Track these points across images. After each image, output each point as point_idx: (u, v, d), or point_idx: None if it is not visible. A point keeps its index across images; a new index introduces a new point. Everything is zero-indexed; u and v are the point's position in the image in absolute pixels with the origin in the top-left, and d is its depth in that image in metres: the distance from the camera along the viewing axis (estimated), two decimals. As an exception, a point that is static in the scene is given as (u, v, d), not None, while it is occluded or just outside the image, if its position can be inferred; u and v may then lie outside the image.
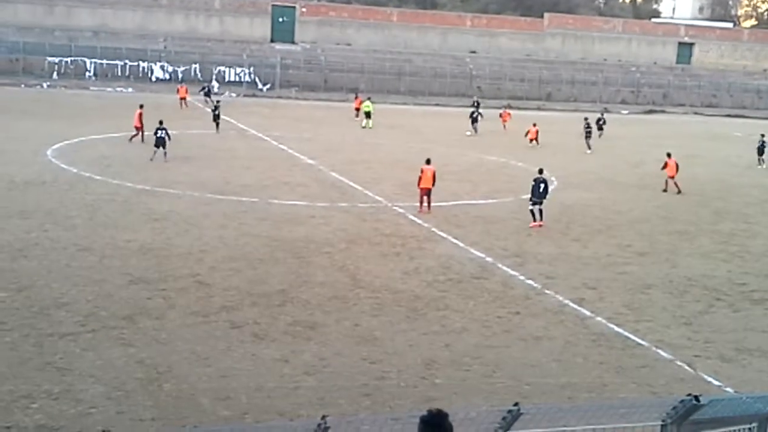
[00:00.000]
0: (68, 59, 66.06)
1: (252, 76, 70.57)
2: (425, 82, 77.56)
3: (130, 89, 62.37)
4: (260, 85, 70.18)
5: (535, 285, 21.10)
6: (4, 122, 42.33)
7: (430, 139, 48.06)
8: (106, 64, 66.77)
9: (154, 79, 66.91)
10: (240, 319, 17.50)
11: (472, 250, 24.10)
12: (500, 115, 55.44)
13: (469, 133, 50.82)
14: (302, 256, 22.50)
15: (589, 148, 47.55)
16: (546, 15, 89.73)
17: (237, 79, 70.06)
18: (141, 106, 40.24)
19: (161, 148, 34.58)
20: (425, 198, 28.56)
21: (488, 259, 23.31)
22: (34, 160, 33.29)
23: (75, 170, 31.45)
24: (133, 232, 23.64)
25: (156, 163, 34.09)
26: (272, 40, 77.11)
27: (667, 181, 35.74)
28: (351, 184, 33.20)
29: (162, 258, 21.55)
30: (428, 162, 29.02)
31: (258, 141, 42.78)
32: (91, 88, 61.87)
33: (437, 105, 71.93)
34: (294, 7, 78.44)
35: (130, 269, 20.40)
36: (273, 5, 77.58)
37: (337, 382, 14.67)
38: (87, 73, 65.94)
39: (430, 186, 28.28)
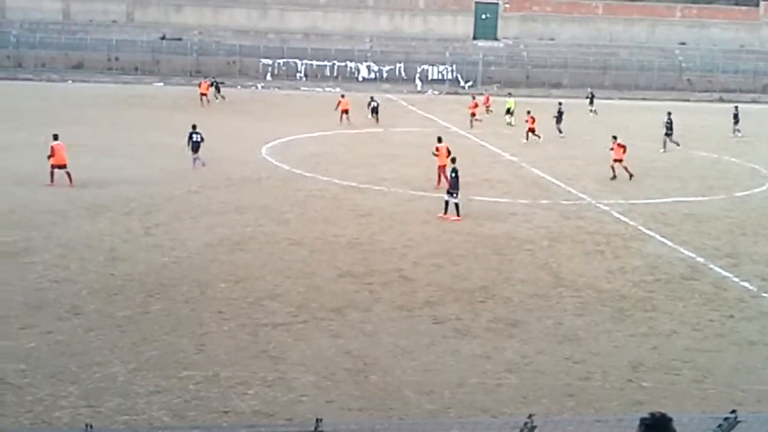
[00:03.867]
0: (281, 61, 68.99)
1: (454, 73, 71.04)
2: (631, 75, 75.27)
3: (337, 89, 64.33)
4: (462, 83, 70.51)
5: (751, 287, 20.08)
6: (223, 122, 44.82)
7: (634, 133, 46.68)
8: (316, 65, 69.18)
9: (360, 78, 68.68)
10: (442, 314, 17.73)
11: (682, 250, 23.23)
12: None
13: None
14: (503, 253, 22.49)
15: None
16: (762, 3, 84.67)
17: (439, 77, 70.73)
18: (342, 96, 41.67)
19: (196, 154, 32.53)
20: (442, 175, 29.47)
21: (699, 259, 22.39)
22: (249, 157, 35.05)
23: (287, 167, 32.88)
24: (341, 228, 24.45)
25: (362, 160, 34.99)
26: (475, 38, 77.26)
27: (613, 167, 32.99)
28: (553, 180, 32.80)
29: (368, 253, 22.17)
30: (440, 140, 30.75)
31: (459, 138, 43.00)
32: (302, 88, 64.34)
33: (644, 99, 69.66)
34: (497, 4, 78.24)
35: (339, 263, 21.13)
36: (476, 2, 77.73)
37: (540, 381, 14.59)
38: (298, 74, 68.62)
39: (446, 163, 28.80)
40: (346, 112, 47.21)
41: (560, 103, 47.26)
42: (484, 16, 78.20)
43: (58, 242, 21.79)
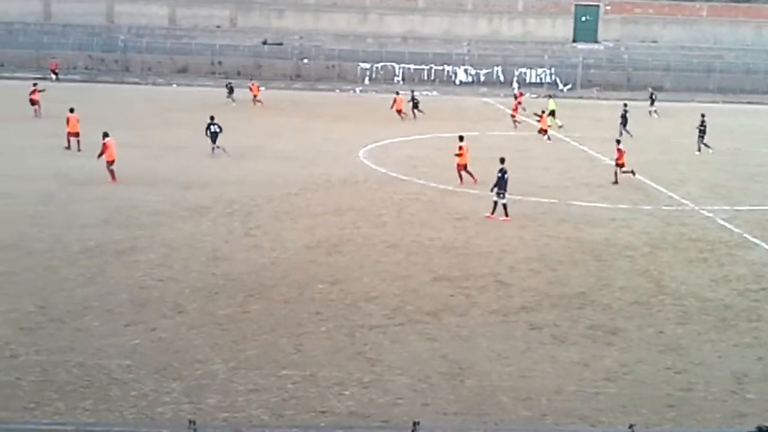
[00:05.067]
0: (378, 65, 69.41)
1: (553, 76, 70.27)
2: (736, 78, 73.10)
3: (434, 92, 64.40)
4: (561, 86, 69.69)
5: None
6: (322, 125, 45.38)
7: (739, 138, 45.33)
8: (413, 68, 69.35)
9: (457, 82, 68.59)
10: (539, 320, 17.56)
11: (790, 259, 22.47)
12: None
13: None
14: (603, 259, 22.14)
15: None
16: None
17: (538, 80, 70.08)
18: (397, 93, 41.62)
19: (214, 143, 35.43)
20: (465, 173, 30.80)
21: (808, 269, 21.62)
22: (347, 160, 35.39)
23: (384, 170, 33.06)
24: (437, 231, 24.46)
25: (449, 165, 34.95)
26: (574, 40, 76.28)
27: (630, 171, 32.31)
28: (654, 185, 32.11)
29: (463, 257, 22.12)
30: (461, 139, 31.34)
31: (557, 142, 42.55)
32: (399, 92, 64.61)
33: (749, 103, 67.57)
34: (598, 6, 77.08)
35: (434, 266, 21.14)
36: (576, 5, 76.72)
37: (640, 391, 14.31)
38: (395, 78, 68.94)
39: (467, 162, 30.75)
40: (399, 111, 48.61)
41: (625, 105, 46.33)
42: (584, 19, 77.12)
43: (162, 242, 22.42)
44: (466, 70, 70.03)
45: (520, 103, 53.84)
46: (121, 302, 17.84)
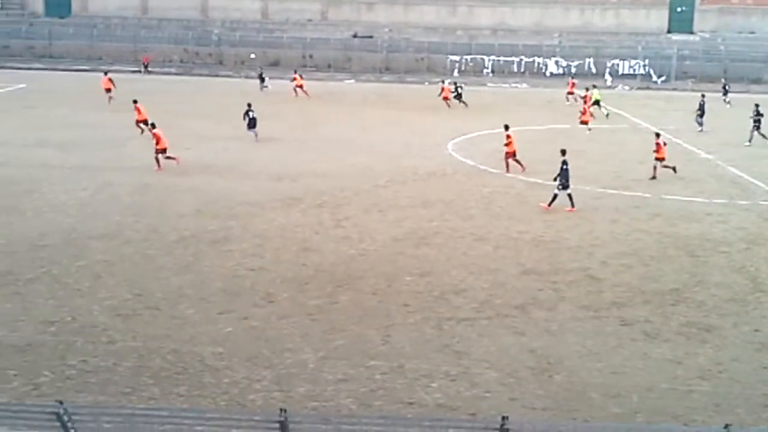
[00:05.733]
0: (468, 57, 68.91)
1: (646, 68, 68.69)
2: (841, 70, 70.29)
3: (524, 85, 63.73)
4: (654, 78, 68.13)
5: None
6: (411, 118, 45.41)
7: None
8: (503, 60, 68.71)
9: (548, 74, 67.63)
10: (631, 316, 17.30)
11: None
12: None
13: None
14: (697, 255, 21.66)
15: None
16: None
17: (631, 72, 68.58)
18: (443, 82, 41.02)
19: (253, 129, 36.76)
20: (512, 161, 31.25)
21: None
22: (436, 153, 35.36)
23: (472, 163, 32.93)
24: (525, 224, 24.28)
25: (547, 157, 34.56)
26: (669, 31, 74.46)
27: (655, 167, 30.72)
28: (752, 180, 31.19)
29: (553, 250, 21.92)
30: (507, 128, 31.73)
31: (651, 135, 41.63)
32: (488, 84, 64.10)
33: None
34: (694, -4, 75.13)
35: (523, 260, 21.02)
36: (671, -5, 74.94)
37: (735, 390, 13.98)
38: (485, 70, 68.38)
39: (514, 150, 31.34)
40: (447, 99, 49.38)
41: (703, 96, 44.84)
42: (679, 9, 75.21)
43: (254, 232, 22.82)
44: (557, 62, 68.99)
45: (571, 93, 53.05)
46: (214, 291, 18.25)
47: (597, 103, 46.70)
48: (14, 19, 72.78)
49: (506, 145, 31.47)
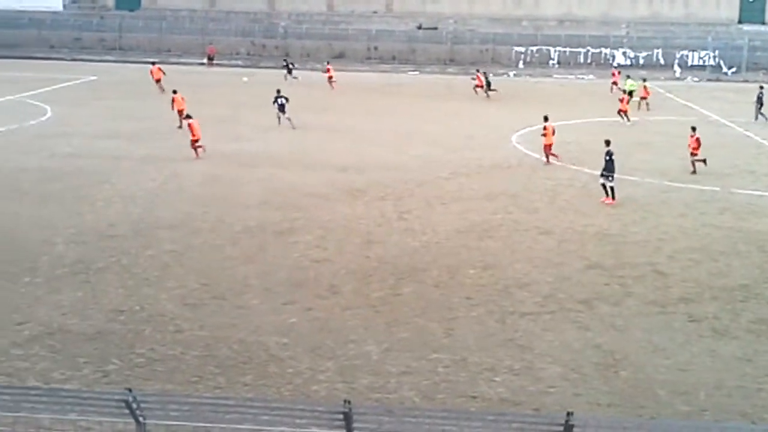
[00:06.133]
0: (533, 48, 68.38)
1: (716, 59, 67.34)
2: None
3: (591, 76, 62.96)
4: (725, 69, 66.72)
5: None
6: (475, 110, 45.21)
7: None
8: (569, 51, 68.00)
9: (615, 65, 66.71)
10: (699, 312, 17.01)
11: None
12: None
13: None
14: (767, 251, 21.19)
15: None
16: None
17: (700, 63, 67.31)
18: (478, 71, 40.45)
19: (284, 114, 37.90)
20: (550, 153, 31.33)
21: None
22: (500, 145, 35.16)
23: (537, 156, 32.65)
24: (591, 218, 24.01)
25: (614, 149, 34.12)
26: (740, 21, 72.77)
27: (702, 160, 29.93)
28: (828, 174, 30.36)
29: (619, 244, 21.64)
30: (546, 119, 31.67)
31: (721, 127, 40.82)
32: (554, 75, 63.53)
33: None
34: (767, -16, 73.28)
35: (588, 254, 20.79)
36: (743, -16, 73.19)
37: (806, 389, 13.66)
38: (551, 61, 67.75)
39: (552, 142, 31.28)
40: (480, 87, 50.54)
41: (761, 88, 43.62)
42: (751, -1, 73.48)
43: (318, 224, 22.98)
44: (624, 53, 68.03)
45: (615, 83, 52.37)
46: (279, 281, 18.44)
47: (631, 93, 46.12)
48: (86, 12, 74.34)
49: (543, 136, 31.55)
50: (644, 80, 48.38)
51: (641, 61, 67.30)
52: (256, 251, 20.59)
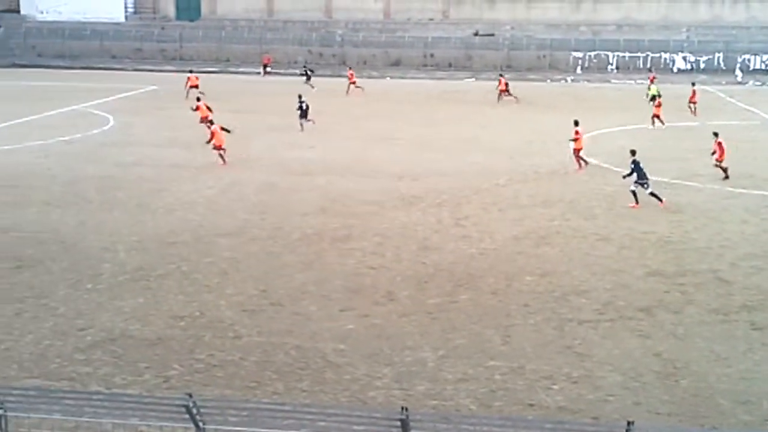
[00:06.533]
0: (591, 53, 67.79)
1: (780, 63, 66.03)
2: None
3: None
4: (790, 72, 65.37)
5: None
6: (532, 116, 44.95)
7: None
8: (628, 56, 67.28)
9: (675, 70, 65.85)
10: (762, 320, 16.70)
11: None
12: None
13: None
14: (835, 258, 20.68)
15: None
16: None
17: (763, 67, 66.06)
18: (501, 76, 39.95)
19: (304, 118, 39.08)
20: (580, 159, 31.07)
21: None
22: (557, 151, 34.83)
23: (595, 161, 32.33)
24: (650, 224, 23.70)
25: (674, 155, 33.66)
26: (805, 23, 71.27)
27: (725, 169, 28.88)
28: None
29: (680, 251, 21.34)
30: (576, 123, 31.56)
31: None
32: (612, 81, 62.88)
33: None
34: (833, -15, 71.61)
35: (648, 261, 20.53)
36: (808, -15, 71.61)
37: None
38: (609, 67, 67.08)
39: (582, 147, 31.16)
40: (504, 92, 50.45)
41: None
42: (816, 0, 71.86)
43: (375, 231, 23.06)
44: (684, 58, 67.06)
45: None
46: (336, 288, 18.54)
47: (653, 98, 45.54)
48: (147, 23, 75.69)
49: (574, 140, 31.19)
50: (693, 84, 47.58)
51: (702, 66, 66.31)
52: (314, 258, 20.73)
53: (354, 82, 54.06)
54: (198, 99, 38.24)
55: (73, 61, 69.49)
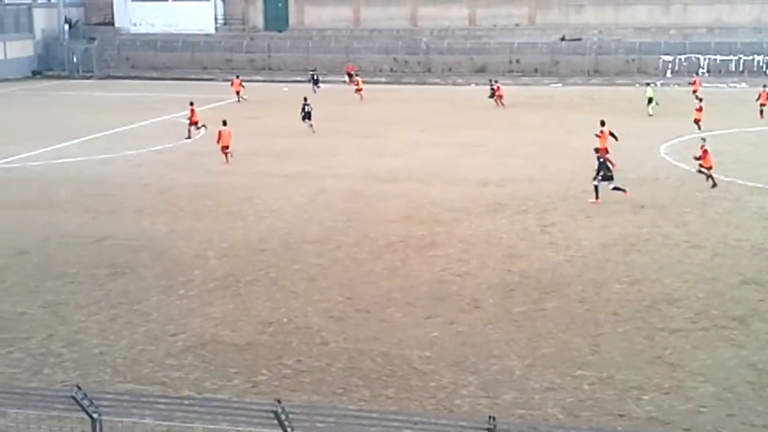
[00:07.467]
0: (681, 57, 66.37)
1: None
2: None
3: (743, 84, 60.54)
4: None
5: None
6: (620, 121, 44.15)
7: None
8: (720, 60, 65.67)
9: (698, 72, 63.88)
10: None
11: None
12: None
13: None
14: None
15: None
16: None
17: None
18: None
19: (309, 120, 41.04)
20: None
21: None
22: (647, 156, 34.27)
23: (687, 167, 31.62)
24: (745, 232, 23.09)
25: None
26: None
27: (710, 176, 27.54)
28: None
29: (777, 260, 20.70)
30: (603, 123, 32.23)
31: None
32: (704, 84, 61.41)
33: None
34: None
35: (742, 269, 20.01)
36: None
37: None
38: (700, 70, 65.56)
39: (607, 146, 30.80)
40: (500, 98, 50.91)
41: None
42: None
43: (460, 238, 23.01)
44: (778, 61, 65.14)
45: (695, 91, 49.84)
46: (421, 295, 18.56)
47: (650, 100, 44.41)
48: (236, 34, 77.09)
49: (598, 137, 31.70)
50: (765, 86, 46.15)
51: (798, 68, 64.33)
52: (399, 265, 20.80)
53: (360, 89, 54.45)
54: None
55: (165, 72, 71.28)
